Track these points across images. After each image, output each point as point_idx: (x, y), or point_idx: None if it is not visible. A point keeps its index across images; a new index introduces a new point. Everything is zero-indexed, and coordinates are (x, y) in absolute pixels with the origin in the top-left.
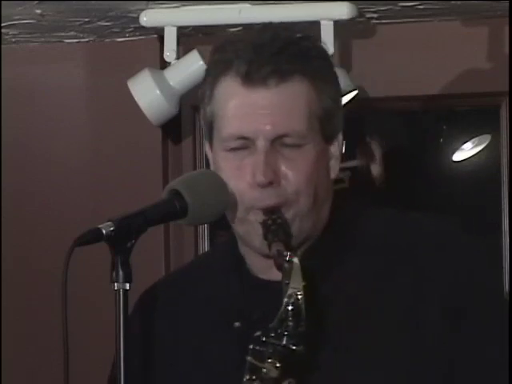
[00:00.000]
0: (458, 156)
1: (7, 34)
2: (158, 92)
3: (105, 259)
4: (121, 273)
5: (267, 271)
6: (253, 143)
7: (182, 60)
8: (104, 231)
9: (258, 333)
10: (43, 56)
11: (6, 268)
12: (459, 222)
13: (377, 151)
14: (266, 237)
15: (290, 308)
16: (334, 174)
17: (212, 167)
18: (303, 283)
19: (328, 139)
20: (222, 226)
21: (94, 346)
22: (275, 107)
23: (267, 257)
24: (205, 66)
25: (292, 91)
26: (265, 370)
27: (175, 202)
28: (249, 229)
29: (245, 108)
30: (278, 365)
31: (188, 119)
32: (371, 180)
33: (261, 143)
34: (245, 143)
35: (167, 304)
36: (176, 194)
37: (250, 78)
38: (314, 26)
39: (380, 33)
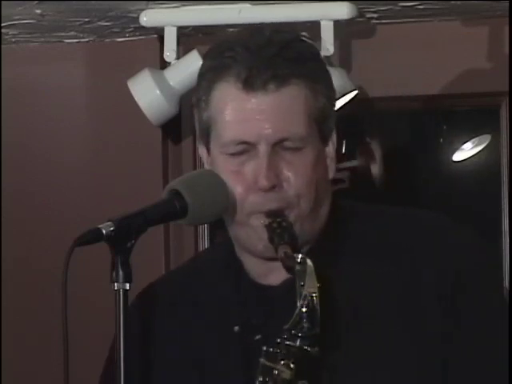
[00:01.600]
0: (457, 156)
1: (7, 34)
2: (157, 92)
3: (105, 259)
4: (121, 273)
5: (266, 276)
6: (254, 148)
7: (182, 60)
8: (104, 231)
9: (258, 336)
10: (43, 56)
11: (6, 268)
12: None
13: (377, 151)
14: (271, 240)
15: (304, 310)
16: (331, 173)
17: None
18: (318, 285)
19: (324, 140)
20: (221, 226)
21: (93, 346)
22: (275, 111)
23: (269, 260)
24: None
25: (291, 95)
26: (276, 372)
27: (175, 202)
28: (250, 233)
29: (245, 113)
30: (291, 366)
31: (188, 119)
32: (371, 180)
33: (262, 147)
34: (245, 148)
35: (165, 304)
36: (176, 194)
37: (251, 83)
38: (314, 25)
39: (380, 33)
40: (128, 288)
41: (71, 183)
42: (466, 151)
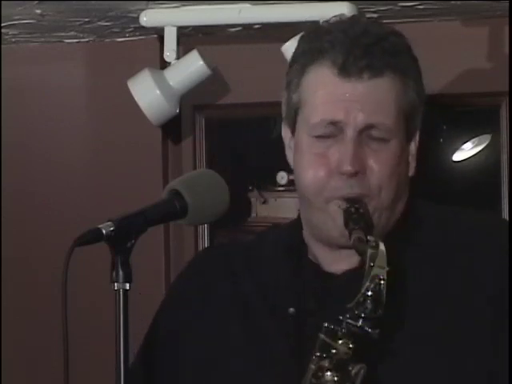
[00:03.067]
0: (458, 156)
1: (7, 34)
2: (157, 92)
3: (105, 259)
4: (121, 273)
5: (329, 264)
6: (341, 132)
7: (182, 60)
8: (104, 231)
9: (311, 321)
10: (43, 56)
11: (6, 268)
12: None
13: None
14: (346, 224)
15: (370, 291)
16: (411, 171)
17: (289, 153)
18: (387, 268)
19: (409, 136)
20: (221, 226)
21: (94, 346)
22: (367, 99)
23: (338, 248)
24: (205, 66)
25: (384, 86)
26: (334, 351)
27: (175, 201)
28: (327, 219)
29: (338, 96)
30: (350, 346)
31: (188, 119)
32: None
33: (350, 132)
34: (333, 131)
35: (222, 275)
36: (176, 194)
37: (347, 70)
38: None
39: None
40: (128, 288)
41: (71, 183)
42: (466, 151)
